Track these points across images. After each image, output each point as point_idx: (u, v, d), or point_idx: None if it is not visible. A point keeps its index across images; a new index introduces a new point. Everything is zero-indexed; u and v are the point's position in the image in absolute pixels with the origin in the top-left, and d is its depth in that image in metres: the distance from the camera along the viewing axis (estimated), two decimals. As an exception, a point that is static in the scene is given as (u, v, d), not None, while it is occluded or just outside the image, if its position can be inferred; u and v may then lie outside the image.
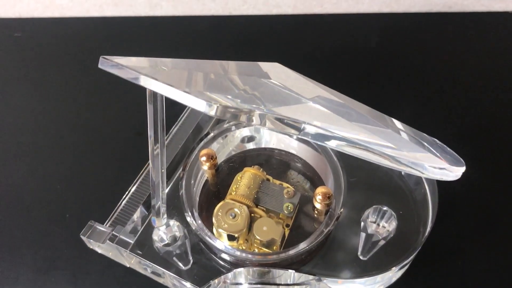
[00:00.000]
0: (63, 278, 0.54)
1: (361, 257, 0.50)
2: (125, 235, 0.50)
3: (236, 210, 0.49)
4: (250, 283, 0.49)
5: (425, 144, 0.40)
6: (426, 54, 0.75)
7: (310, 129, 0.37)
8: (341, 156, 0.52)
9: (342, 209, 0.48)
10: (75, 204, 0.60)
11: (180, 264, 0.48)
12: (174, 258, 0.49)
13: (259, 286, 0.50)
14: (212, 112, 0.33)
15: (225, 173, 0.56)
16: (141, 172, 0.55)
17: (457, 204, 0.57)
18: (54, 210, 0.59)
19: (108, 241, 0.49)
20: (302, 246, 0.47)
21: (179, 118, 0.59)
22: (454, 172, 0.39)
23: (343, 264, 0.50)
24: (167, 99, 0.37)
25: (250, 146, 0.58)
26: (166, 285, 0.52)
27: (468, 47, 0.76)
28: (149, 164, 0.46)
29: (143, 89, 0.38)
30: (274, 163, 0.57)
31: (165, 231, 0.49)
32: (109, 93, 0.72)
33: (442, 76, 0.72)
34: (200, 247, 0.51)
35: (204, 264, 0.49)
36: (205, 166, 0.51)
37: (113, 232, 0.50)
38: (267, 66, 0.43)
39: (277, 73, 0.42)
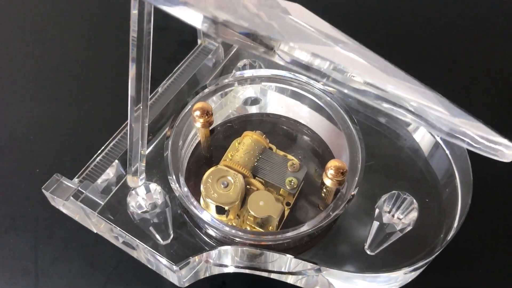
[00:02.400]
0: (23, 240, 0.48)
1: (368, 251, 0.42)
2: (93, 193, 0.42)
3: (229, 178, 0.42)
4: (237, 266, 0.42)
5: (474, 118, 0.32)
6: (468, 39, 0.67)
7: (341, 75, 0.29)
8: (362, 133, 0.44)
9: (356, 190, 0.40)
10: (47, 159, 0.53)
11: (157, 236, 0.41)
12: (151, 228, 0.41)
13: (247, 271, 0.42)
14: (211, 30, 0.25)
15: (220, 138, 0.49)
16: (123, 125, 0.47)
17: (487, 203, 0.49)
18: (23, 163, 0.53)
19: (72, 198, 0.41)
20: (304, 228, 0.39)
21: (173, 71, 0.51)
22: (510, 151, 0.31)
23: (347, 257, 0.43)
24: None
25: (253, 110, 0.51)
26: (139, 259, 0.45)
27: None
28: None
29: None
30: (280, 132, 0.50)
31: (144, 197, 0.42)
32: (101, 44, 0.64)
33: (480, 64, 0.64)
34: (183, 219, 0.43)
35: (185, 239, 0.42)
36: (198, 123, 0.43)
37: (79, 188, 0.42)
38: (286, 3, 0.35)
39: (298, 12, 0.34)
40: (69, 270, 0.46)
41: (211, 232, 0.42)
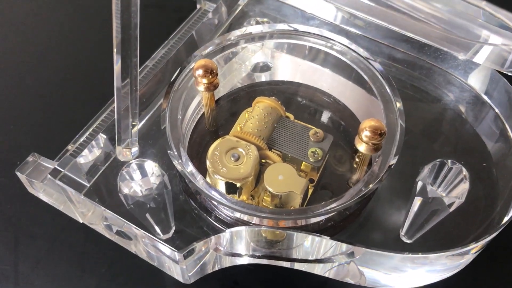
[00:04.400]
0: (1, 241, 0.42)
1: (404, 238, 0.37)
2: (76, 173, 0.35)
3: (240, 150, 0.35)
4: (253, 256, 0.34)
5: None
6: None
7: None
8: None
9: (395, 159, 0.34)
10: (30, 149, 0.45)
11: (156, 228, 0.35)
12: (148, 216, 0.35)
13: (265, 261, 0.35)
14: None
15: (227, 110, 0.43)
16: (111, 99, 0.41)
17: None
18: (2, 155, 0.48)
19: (50, 176, 0.34)
20: (334, 205, 0.32)
21: (169, 38, 0.46)
22: None
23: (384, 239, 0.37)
24: None
25: (263, 78, 0.45)
26: (138, 254, 0.39)
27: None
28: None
29: None
30: (297, 102, 0.43)
31: (138, 177, 0.36)
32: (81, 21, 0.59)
33: None
34: (188, 206, 0.37)
35: (189, 225, 0.36)
36: (201, 86, 0.36)
37: (56, 166, 0.35)
38: None
39: None
40: (55, 274, 0.41)
41: (222, 215, 0.36)
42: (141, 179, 0.36)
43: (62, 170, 0.36)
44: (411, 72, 0.43)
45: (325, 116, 0.42)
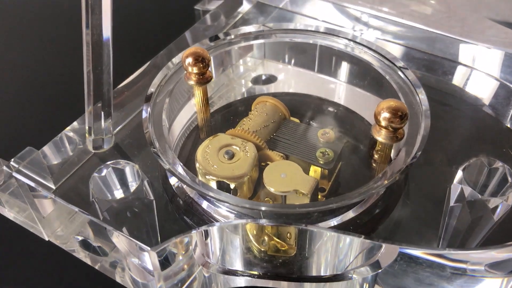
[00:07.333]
0: None
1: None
2: (38, 168, 0.29)
3: (235, 147, 0.30)
4: (251, 275, 0.27)
5: None
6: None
7: None
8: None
9: (418, 153, 0.28)
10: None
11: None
12: (125, 230, 0.28)
13: (270, 283, 0.28)
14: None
15: (225, 122, 0.37)
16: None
17: None
18: None
19: (5, 168, 0.28)
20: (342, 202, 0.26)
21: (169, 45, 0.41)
22: None
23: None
24: None
25: (265, 91, 0.40)
26: (125, 284, 0.32)
27: None
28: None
29: None
30: (303, 114, 0.37)
31: (117, 186, 0.31)
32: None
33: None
34: (170, 208, 0.31)
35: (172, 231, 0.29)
36: (192, 79, 0.32)
37: (12, 163, 0.29)
38: None
39: None
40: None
41: (210, 217, 0.29)
42: (118, 183, 0.30)
43: (16, 166, 0.30)
44: (433, 72, 0.39)
45: (338, 126, 0.36)
